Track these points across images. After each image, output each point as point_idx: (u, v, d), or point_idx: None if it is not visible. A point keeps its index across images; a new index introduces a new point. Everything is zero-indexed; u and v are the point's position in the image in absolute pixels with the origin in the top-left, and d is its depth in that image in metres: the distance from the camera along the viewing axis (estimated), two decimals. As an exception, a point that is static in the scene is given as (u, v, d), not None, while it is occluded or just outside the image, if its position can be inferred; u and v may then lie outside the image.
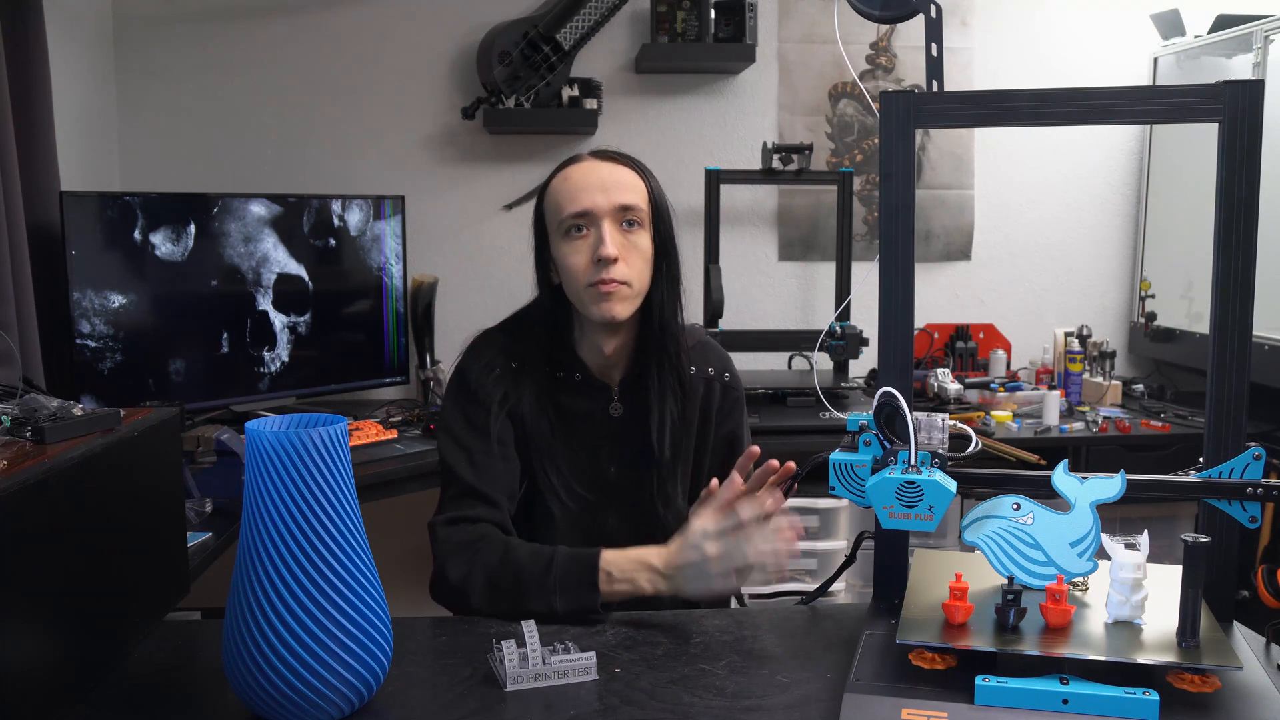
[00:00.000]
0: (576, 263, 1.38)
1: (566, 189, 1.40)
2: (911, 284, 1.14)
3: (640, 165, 1.45)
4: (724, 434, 1.54)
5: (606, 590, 1.25)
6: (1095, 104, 1.11)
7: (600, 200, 1.37)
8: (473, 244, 3.05)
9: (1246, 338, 1.07)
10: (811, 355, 3.00)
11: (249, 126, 2.93)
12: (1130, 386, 3.03)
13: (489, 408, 1.40)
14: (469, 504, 1.36)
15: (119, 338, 2.30)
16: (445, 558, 1.32)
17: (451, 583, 1.30)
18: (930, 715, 0.94)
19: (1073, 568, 1.05)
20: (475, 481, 1.37)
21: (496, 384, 1.42)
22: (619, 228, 1.38)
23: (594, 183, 1.39)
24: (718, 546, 1.23)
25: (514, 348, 1.45)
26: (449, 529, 1.34)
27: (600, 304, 1.37)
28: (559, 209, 1.39)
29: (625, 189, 1.39)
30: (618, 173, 1.41)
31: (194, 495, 1.81)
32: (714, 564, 1.22)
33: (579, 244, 1.38)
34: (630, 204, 1.38)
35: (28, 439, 1.04)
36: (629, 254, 1.38)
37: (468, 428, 1.40)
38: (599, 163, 1.42)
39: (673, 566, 1.25)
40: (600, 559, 1.26)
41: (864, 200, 3.17)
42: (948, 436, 1.11)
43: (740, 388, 1.56)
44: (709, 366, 1.52)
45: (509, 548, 1.31)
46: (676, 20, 2.88)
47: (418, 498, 2.29)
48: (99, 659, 1.06)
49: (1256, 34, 2.67)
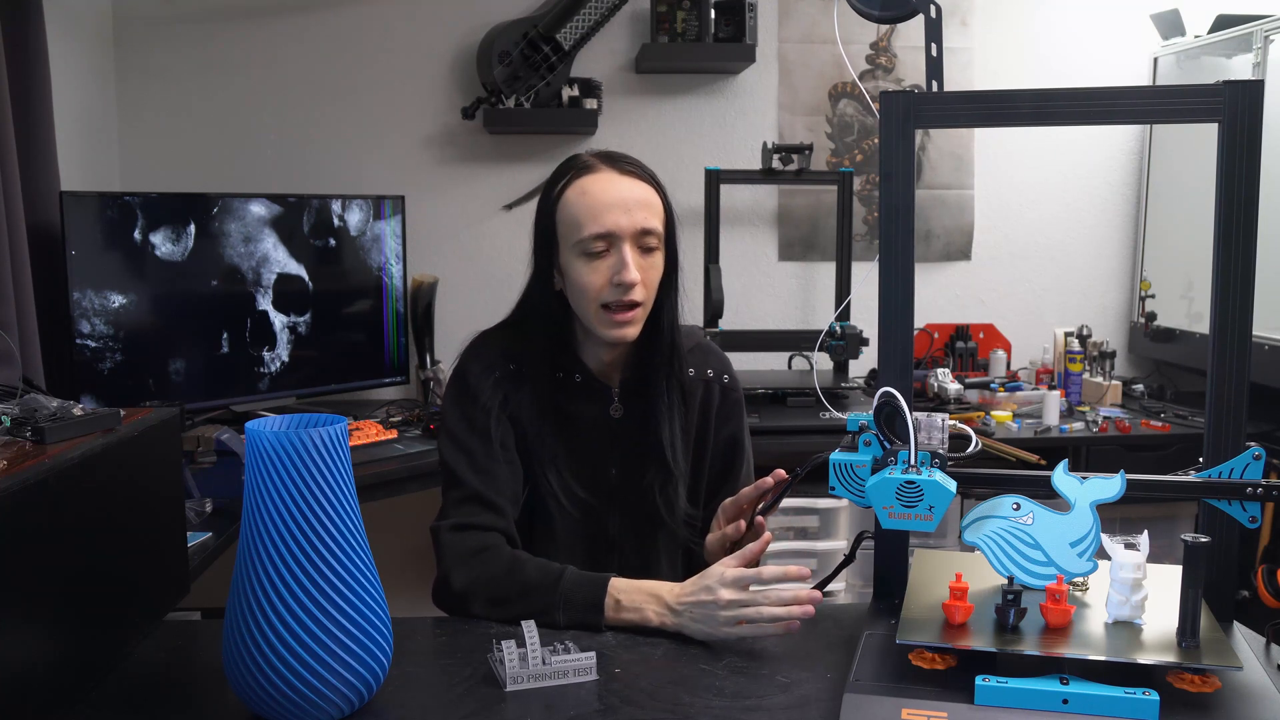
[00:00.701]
0: (593, 282, 1.36)
1: (586, 205, 1.36)
2: (911, 284, 1.14)
3: (655, 178, 1.42)
4: (725, 437, 1.53)
5: (613, 616, 1.23)
6: (1095, 104, 1.11)
7: (624, 222, 1.35)
8: (473, 244, 3.05)
9: (1246, 338, 1.07)
10: (811, 355, 3.00)
11: (249, 126, 2.93)
12: (1130, 386, 3.03)
13: (490, 411, 1.39)
14: (474, 510, 1.35)
15: (119, 338, 2.30)
16: (450, 565, 1.30)
17: (455, 590, 1.29)
18: (930, 715, 0.94)
19: (1073, 568, 1.05)
20: (480, 487, 1.35)
21: (497, 386, 1.41)
22: (638, 250, 1.37)
23: (615, 201, 1.36)
24: (732, 594, 1.18)
25: (513, 350, 1.44)
26: (454, 535, 1.33)
27: (614, 330, 1.37)
28: (578, 225, 1.36)
29: (647, 210, 1.37)
30: (638, 190, 1.38)
31: (194, 495, 1.81)
32: (723, 611, 1.18)
33: (597, 264, 1.36)
34: (651, 228, 1.37)
35: (28, 439, 1.04)
36: (646, 275, 1.37)
37: (469, 430, 1.39)
38: (618, 176, 1.38)
39: (682, 603, 1.21)
40: (609, 584, 1.24)
41: (864, 200, 3.17)
42: (948, 436, 1.11)
43: (739, 389, 1.55)
44: (708, 369, 1.52)
45: (516, 561, 1.30)
46: (676, 20, 2.88)
47: (418, 498, 2.29)
48: (99, 659, 1.06)
49: (1256, 34, 2.67)
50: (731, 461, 1.53)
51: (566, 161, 1.43)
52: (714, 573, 1.21)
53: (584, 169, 1.39)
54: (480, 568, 1.29)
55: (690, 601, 1.20)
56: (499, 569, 1.28)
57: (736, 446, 1.53)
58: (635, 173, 1.40)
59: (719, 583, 1.19)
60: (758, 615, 1.17)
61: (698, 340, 1.55)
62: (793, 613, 1.17)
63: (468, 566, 1.29)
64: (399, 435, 2.45)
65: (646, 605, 1.22)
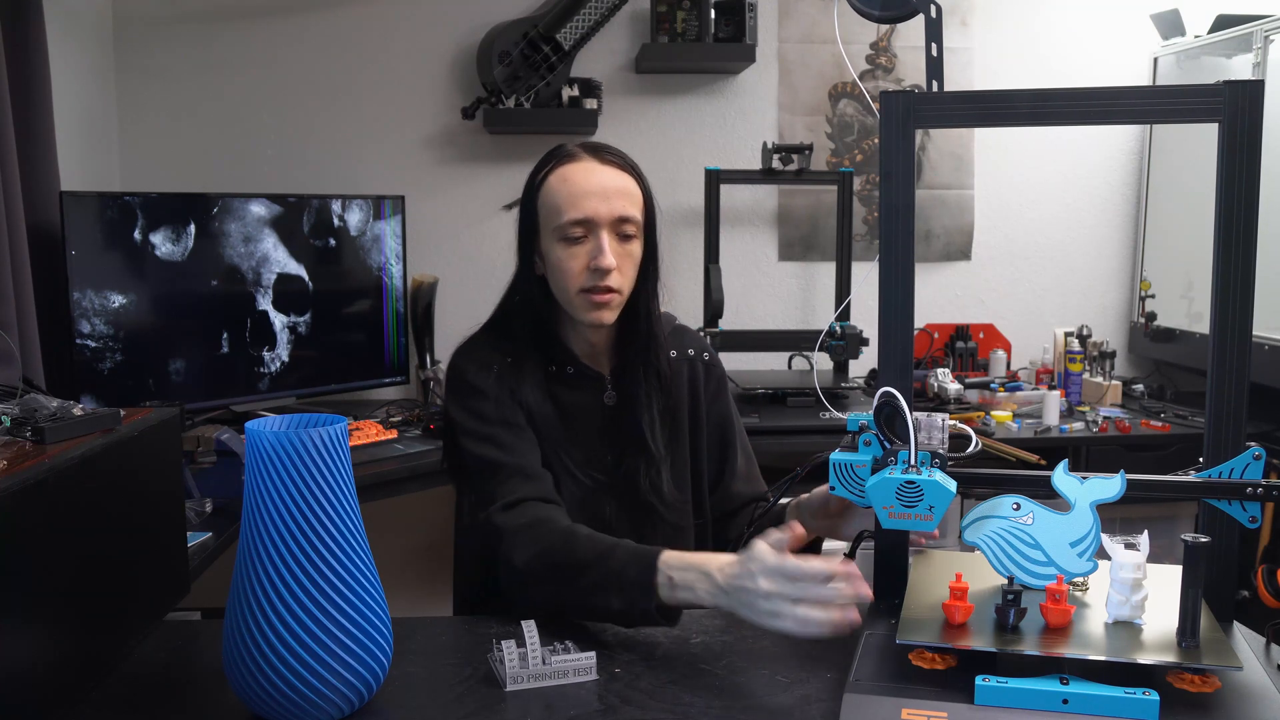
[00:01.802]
0: (572, 267, 1.39)
1: (566, 191, 1.39)
2: (911, 284, 1.14)
3: (635, 167, 1.45)
4: (715, 416, 1.56)
5: (669, 597, 1.15)
6: (1095, 104, 1.11)
7: (601, 209, 1.38)
8: (473, 244, 3.05)
9: (1246, 338, 1.07)
10: (811, 355, 3.00)
11: (249, 126, 2.93)
12: (1130, 386, 3.03)
13: (499, 399, 1.40)
14: (517, 485, 1.33)
15: (119, 338, 2.30)
16: (510, 544, 1.27)
17: (517, 567, 1.25)
18: (930, 715, 0.94)
19: (1073, 568, 1.05)
20: (517, 462, 1.36)
21: (499, 380, 1.42)
22: (615, 237, 1.40)
23: (594, 189, 1.39)
24: (771, 585, 1.08)
25: (504, 346, 1.45)
26: (506, 514, 1.30)
27: (591, 312, 1.40)
28: (557, 211, 1.39)
29: (625, 198, 1.40)
30: (617, 179, 1.41)
31: (194, 495, 1.81)
32: (763, 602, 1.08)
33: (575, 249, 1.39)
34: (629, 216, 1.40)
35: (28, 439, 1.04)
36: (623, 262, 1.40)
37: (481, 420, 1.39)
38: (597, 165, 1.41)
39: (731, 584, 1.11)
40: (659, 561, 1.17)
41: (864, 200, 3.17)
42: (948, 436, 1.11)
43: (721, 365, 1.60)
44: (688, 348, 1.56)
45: (572, 533, 1.26)
46: (676, 20, 2.88)
47: (418, 498, 2.29)
48: (99, 659, 1.05)
49: (1256, 34, 2.67)
50: (725, 435, 1.57)
51: (551, 151, 1.46)
52: (757, 555, 1.10)
53: (566, 158, 1.42)
54: (538, 542, 1.25)
55: (736, 585, 1.11)
56: (556, 541, 1.24)
57: (727, 420, 1.57)
58: (616, 162, 1.43)
59: (760, 570, 1.09)
60: (792, 614, 1.06)
61: (673, 324, 1.58)
62: (832, 618, 1.05)
63: (526, 541, 1.26)
64: (399, 435, 2.45)
65: (698, 584, 1.14)
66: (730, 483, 1.56)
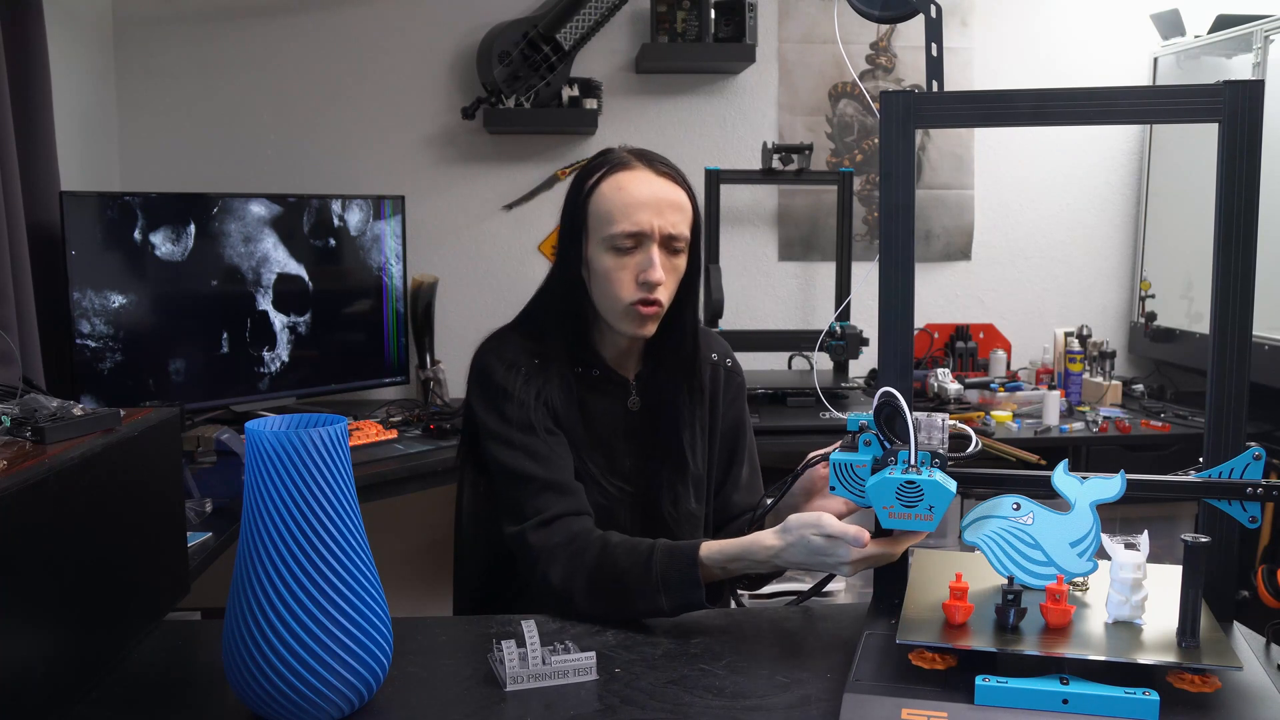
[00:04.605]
0: (621, 278, 1.38)
1: (620, 200, 1.37)
2: (911, 284, 1.14)
3: (686, 181, 1.44)
4: (731, 421, 1.55)
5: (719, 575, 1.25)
6: (1095, 104, 1.11)
7: (655, 223, 1.37)
8: (473, 244, 3.04)
9: (1246, 338, 1.07)
10: (811, 355, 3.00)
11: (249, 126, 2.93)
12: (1130, 386, 3.03)
13: (526, 404, 1.39)
14: (550, 500, 1.34)
15: (119, 338, 2.30)
16: (546, 563, 1.29)
17: (555, 586, 1.28)
18: (930, 715, 0.94)
19: (1073, 568, 1.05)
20: (549, 475, 1.35)
21: (526, 381, 1.40)
22: (665, 251, 1.39)
23: (649, 200, 1.37)
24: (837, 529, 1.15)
25: (532, 346, 1.44)
26: (540, 532, 1.32)
27: (636, 326, 1.40)
28: (609, 219, 1.38)
29: (677, 213, 1.40)
30: (671, 191, 1.40)
31: (194, 495, 1.81)
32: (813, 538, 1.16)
33: (624, 260, 1.38)
34: (680, 234, 1.40)
35: (28, 439, 1.04)
36: (669, 276, 1.40)
37: (516, 426, 1.38)
38: (653, 176, 1.40)
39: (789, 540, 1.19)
40: (699, 553, 1.23)
41: (864, 200, 3.17)
42: (948, 436, 1.11)
43: (742, 373, 1.59)
44: (712, 353, 1.55)
45: (606, 545, 1.28)
46: (676, 20, 2.88)
47: (418, 498, 2.29)
48: (99, 659, 1.06)
49: (1256, 34, 2.67)
50: (736, 444, 1.57)
51: (602, 155, 1.44)
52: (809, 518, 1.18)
53: (620, 164, 1.41)
54: (575, 559, 1.28)
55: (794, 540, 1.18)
56: (592, 556, 1.27)
57: (740, 428, 1.57)
58: (669, 174, 1.42)
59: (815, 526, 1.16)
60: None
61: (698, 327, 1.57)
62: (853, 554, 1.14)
63: (562, 560, 1.28)
64: (399, 435, 2.45)
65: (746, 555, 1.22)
66: (730, 492, 1.56)
